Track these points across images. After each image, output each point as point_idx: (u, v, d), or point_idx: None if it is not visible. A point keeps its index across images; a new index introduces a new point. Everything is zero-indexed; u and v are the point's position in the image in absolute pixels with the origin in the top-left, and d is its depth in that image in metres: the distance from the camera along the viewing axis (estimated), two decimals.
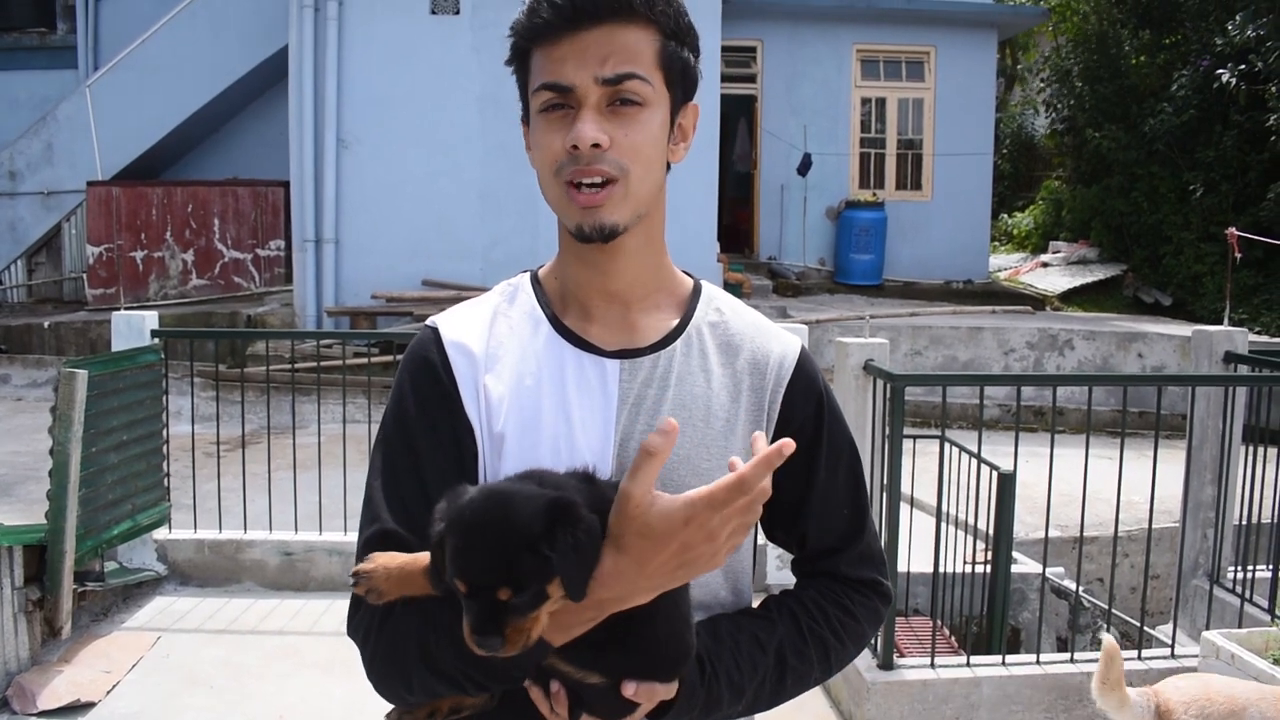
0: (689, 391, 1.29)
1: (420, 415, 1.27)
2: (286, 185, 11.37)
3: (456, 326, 1.31)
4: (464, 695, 1.19)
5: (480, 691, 1.17)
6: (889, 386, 3.98)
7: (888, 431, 3.98)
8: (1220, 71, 12.71)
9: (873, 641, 4.04)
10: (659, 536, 1.03)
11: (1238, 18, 12.64)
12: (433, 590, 1.12)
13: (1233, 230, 8.03)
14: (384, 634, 1.18)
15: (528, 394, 1.27)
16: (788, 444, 1.02)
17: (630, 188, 1.23)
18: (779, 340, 1.36)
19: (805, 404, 1.34)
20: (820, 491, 1.33)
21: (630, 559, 1.04)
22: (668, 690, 1.13)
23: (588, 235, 1.24)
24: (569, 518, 1.04)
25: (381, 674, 1.20)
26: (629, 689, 1.09)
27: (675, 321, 1.33)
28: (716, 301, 1.38)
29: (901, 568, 4.46)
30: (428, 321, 1.34)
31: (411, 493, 1.23)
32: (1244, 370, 4.95)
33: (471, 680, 1.13)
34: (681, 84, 1.28)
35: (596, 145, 1.19)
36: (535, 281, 1.37)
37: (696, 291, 1.37)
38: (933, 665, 3.98)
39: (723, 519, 1.03)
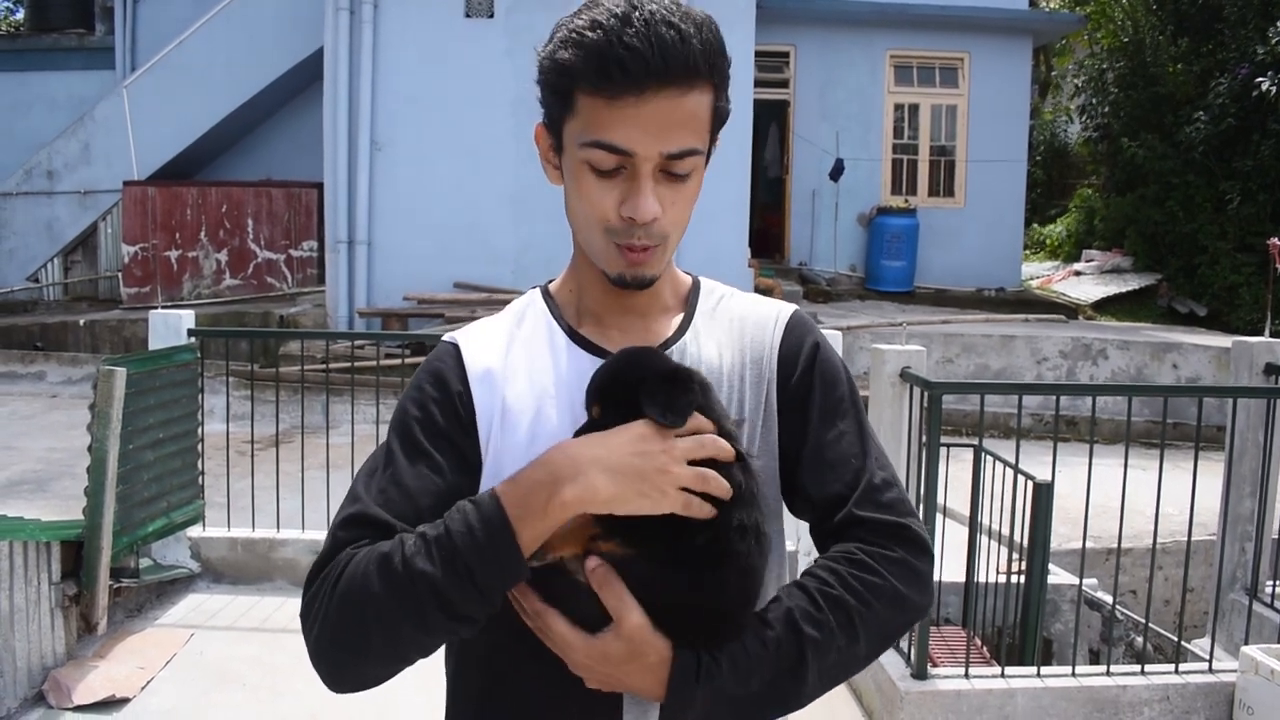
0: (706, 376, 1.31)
1: (429, 428, 1.26)
2: (320, 187, 11.47)
3: (478, 349, 1.32)
4: (429, 628, 1.13)
5: (452, 618, 1.12)
6: (926, 394, 3.95)
7: (924, 440, 3.95)
8: (1259, 80, 12.56)
9: (905, 649, 4.01)
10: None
11: (1278, 25, 12.49)
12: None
13: (1275, 240, 7.92)
14: (339, 587, 1.14)
15: (547, 408, 1.28)
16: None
17: (669, 248, 1.27)
18: (772, 308, 1.39)
19: (796, 360, 1.33)
20: (815, 442, 1.28)
21: (581, 443, 1.14)
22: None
23: (627, 284, 1.27)
24: (682, 377, 1.17)
25: (333, 632, 1.16)
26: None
27: (681, 316, 1.36)
28: (715, 292, 1.41)
29: (934, 577, 4.41)
30: (447, 338, 1.35)
31: (399, 492, 1.21)
32: None
33: (449, 590, 1.09)
34: (719, 128, 1.28)
35: (654, 219, 1.21)
36: (547, 296, 1.38)
37: (696, 287, 1.41)
38: (967, 675, 3.93)
39: (668, 450, 1.11)
